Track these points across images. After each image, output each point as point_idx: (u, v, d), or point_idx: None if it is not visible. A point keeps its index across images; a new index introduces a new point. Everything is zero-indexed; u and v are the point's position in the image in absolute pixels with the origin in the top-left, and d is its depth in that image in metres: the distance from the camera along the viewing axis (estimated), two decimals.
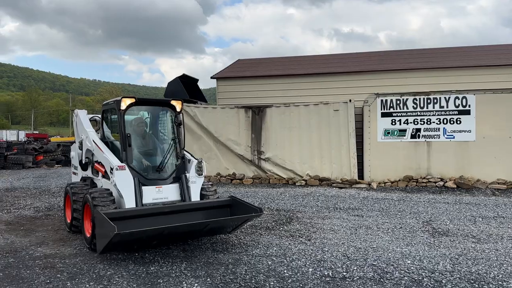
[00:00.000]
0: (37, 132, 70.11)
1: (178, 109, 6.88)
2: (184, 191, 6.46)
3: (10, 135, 53.75)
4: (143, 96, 6.84)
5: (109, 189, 6.16)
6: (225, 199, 6.71)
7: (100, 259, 5.60)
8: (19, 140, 46.74)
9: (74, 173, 8.14)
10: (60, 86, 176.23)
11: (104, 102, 7.35)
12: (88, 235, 6.03)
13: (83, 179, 7.49)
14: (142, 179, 6.27)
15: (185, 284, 4.67)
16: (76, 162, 7.88)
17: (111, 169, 6.12)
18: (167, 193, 6.40)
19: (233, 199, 6.60)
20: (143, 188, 6.18)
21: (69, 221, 7.15)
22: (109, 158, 6.30)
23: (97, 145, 6.74)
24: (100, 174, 6.73)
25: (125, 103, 6.41)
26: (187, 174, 6.59)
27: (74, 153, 8.03)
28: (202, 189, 6.72)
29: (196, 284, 4.67)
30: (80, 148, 7.40)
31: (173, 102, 6.84)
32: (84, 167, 7.33)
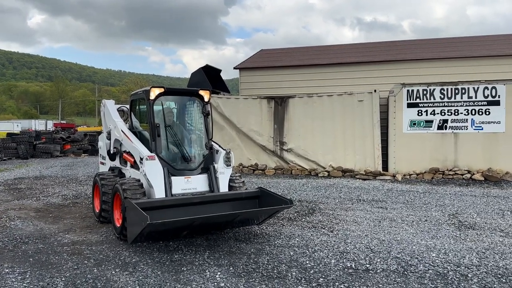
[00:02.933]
0: (65, 122, 71.91)
1: (206, 99, 6.86)
2: (213, 182, 6.45)
3: (38, 125, 55.38)
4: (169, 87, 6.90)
5: (138, 179, 6.22)
6: (254, 190, 6.65)
7: (125, 246, 5.72)
8: (47, 129, 48.04)
9: (102, 163, 8.23)
10: (86, 77, 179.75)
11: (132, 92, 7.40)
12: (118, 225, 6.06)
13: (111, 169, 7.57)
14: (171, 169, 6.30)
15: (208, 273, 4.73)
16: (104, 152, 7.94)
17: (141, 159, 6.16)
18: (196, 183, 6.40)
19: (261, 190, 6.55)
20: (172, 178, 6.20)
21: (98, 211, 7.18)
22: (139, 148, 6.36)
23: (125, 135, 6.83)
24: (128, 164, 6.83)
25: (154, 93, 6.42)
26: (215, 165, 6.58)
27: (102, 143, 8.07)
28: (230, 180, 6.71)
29: (218, 273, 4.72)
30: (108, 138, 7.52)
31: (201, 92, 6.82)
32: (112, 157, 7.44)
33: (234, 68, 17.07)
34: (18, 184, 11.91)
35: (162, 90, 6.51)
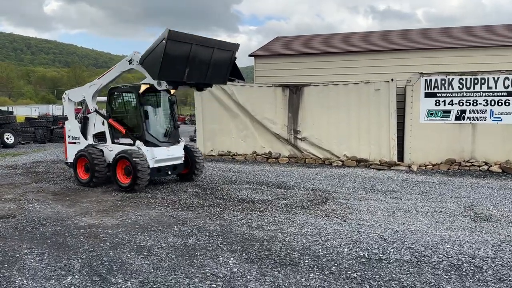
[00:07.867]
0: (81, 107, 72.53)
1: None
2: None
3: (56, 110, 55.99)
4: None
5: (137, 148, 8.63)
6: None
7: (140, 230, 5.81)
8: (64, 114, 48.50)
9: (73, 143, 9.94)
10: (102, 63, 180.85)
11: (113, 86, 9.52)
12: (125, 183, 8.48)
13: (87, 146, 9.41)
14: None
15: (221, 258, 4.78)
16: (76, 133, 9.86)
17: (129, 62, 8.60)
18: None
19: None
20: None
21: (85, 178, 9.17)
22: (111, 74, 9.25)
23: (100, 83, 9.37)
24: (108, 139, 9.16)
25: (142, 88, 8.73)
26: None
27: (71, 126, 10.03)
28: None
29: (231, 258, 4.76)
30: (80, 121, 9.73)
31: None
32: (84, 135, 9.65)
33: (249, 55, 16.97)
34: (36, 167, 12.14)
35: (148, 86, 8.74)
